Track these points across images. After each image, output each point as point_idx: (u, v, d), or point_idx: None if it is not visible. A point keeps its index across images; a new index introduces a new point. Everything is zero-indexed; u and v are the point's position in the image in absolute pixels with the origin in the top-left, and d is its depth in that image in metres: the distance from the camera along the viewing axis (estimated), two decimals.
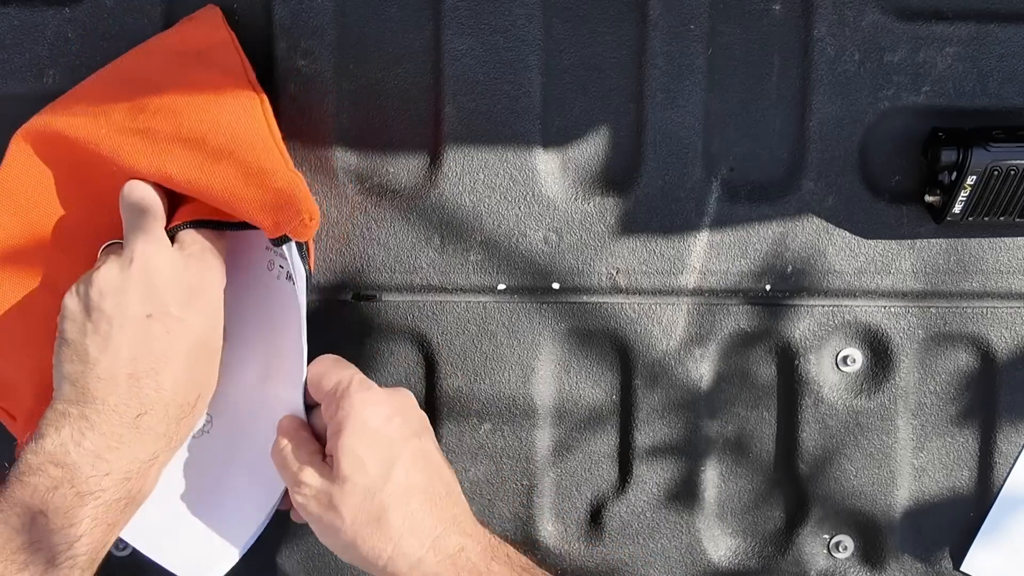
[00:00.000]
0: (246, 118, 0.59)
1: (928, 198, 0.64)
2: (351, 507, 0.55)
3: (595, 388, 0.69)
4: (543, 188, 0.66)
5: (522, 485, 0.70)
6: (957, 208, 0.63)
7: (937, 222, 0.66)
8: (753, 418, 0.70)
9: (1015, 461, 0.69)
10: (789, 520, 0.71)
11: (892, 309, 0.68)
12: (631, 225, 0.67)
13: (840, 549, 0.71)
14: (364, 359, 0.68)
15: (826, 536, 0.71)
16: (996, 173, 0.61)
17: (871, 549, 0.71)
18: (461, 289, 0.67)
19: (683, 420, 0.69)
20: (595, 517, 0.70)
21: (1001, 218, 0.64)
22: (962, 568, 0.71)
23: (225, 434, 0.64)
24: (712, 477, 0.70)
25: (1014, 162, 0.61)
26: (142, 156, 0.58)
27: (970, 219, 0.64)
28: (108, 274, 0.55)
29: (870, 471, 0.69)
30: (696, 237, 0.67)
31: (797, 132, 0.66)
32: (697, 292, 0.68)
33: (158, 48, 0.63)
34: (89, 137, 0.59)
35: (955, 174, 0.62)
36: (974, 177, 0.62)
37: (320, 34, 0.65)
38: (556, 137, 0.66)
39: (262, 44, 0.65)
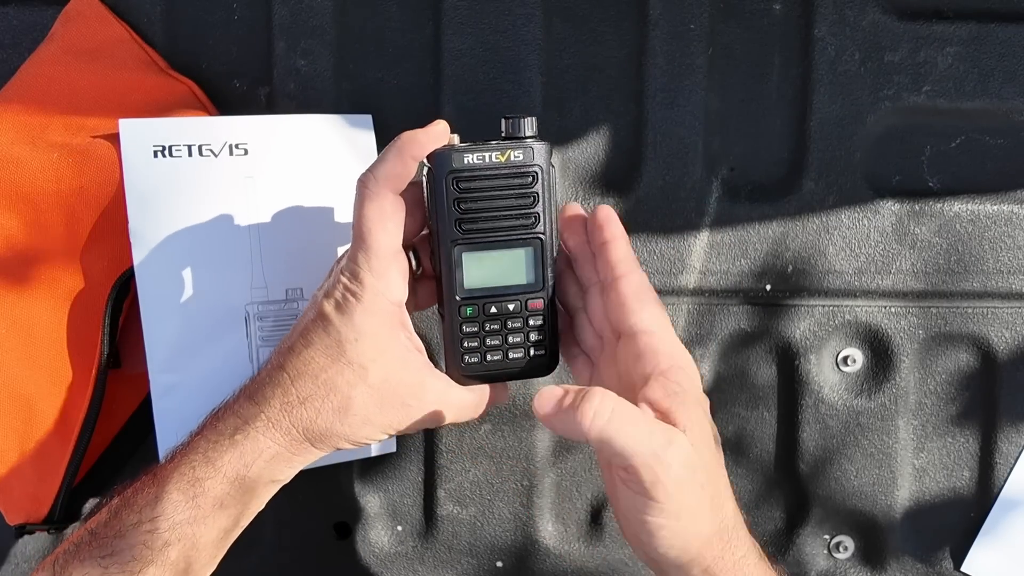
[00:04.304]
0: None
1: None
2: None
3: None
4: None
5: (522, 485, 0.70)
6: None
7: None
8: (753, 418, 0.70)
9: (1016, 461, 0.69)
10: (789, 520, 0.71)
11: (892, 309, 0.68)
12: (631, 225, 0.66)
13: (841, 549, 0.71)
14: None
15: (826, 536, 0.71)
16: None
17: (871, 549, 0.71)
18: None
19: None
20: (595, 517, 0.70)
21: None
22: (962, 568, 0.70)
23: None
24: None
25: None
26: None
27: None
28: None
29: (870, 471, 0.69)
30: (696, 237, 0.67)
31: (797, 132, 0.66)
32: (697, 292, 0.68)
33: (54, 56, 0.62)
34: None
35: None
36: None
37: (320, 34, 0.65)
38: (556, 137, 0.66)
39: (262, 44, 0.65)
